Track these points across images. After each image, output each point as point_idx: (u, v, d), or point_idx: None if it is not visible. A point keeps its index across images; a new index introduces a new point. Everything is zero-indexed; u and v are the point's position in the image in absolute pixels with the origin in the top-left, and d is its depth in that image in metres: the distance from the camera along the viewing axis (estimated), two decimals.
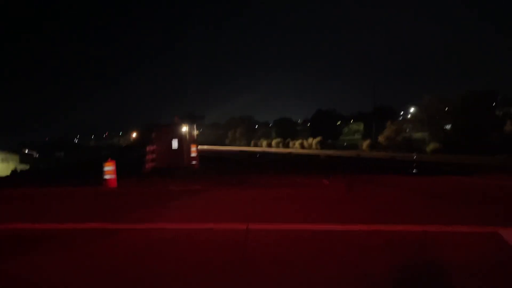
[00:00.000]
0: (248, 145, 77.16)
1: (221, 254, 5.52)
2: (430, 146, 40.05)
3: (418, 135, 50.42)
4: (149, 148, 21.30)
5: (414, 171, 20.18)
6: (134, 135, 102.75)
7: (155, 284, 4.58)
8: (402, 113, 71.39)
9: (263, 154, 44.81)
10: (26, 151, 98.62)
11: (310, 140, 61.77)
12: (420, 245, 5.81)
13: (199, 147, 23.30)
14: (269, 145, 69.85)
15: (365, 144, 50.17)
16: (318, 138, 60.21)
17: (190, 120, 23.93)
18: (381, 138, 48.20)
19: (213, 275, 4.79)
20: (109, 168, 13.50)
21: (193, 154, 22.25)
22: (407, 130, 53.25)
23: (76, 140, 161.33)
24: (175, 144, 22.28)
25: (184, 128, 22.64)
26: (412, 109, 54.38)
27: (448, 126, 44.04)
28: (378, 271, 4.76)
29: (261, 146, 71.65)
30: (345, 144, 60.00)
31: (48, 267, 5.24)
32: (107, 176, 13.43)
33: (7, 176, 27.96)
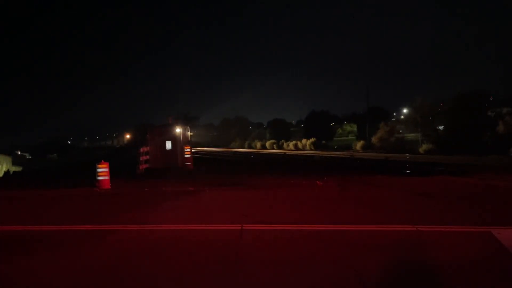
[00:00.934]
0: (242, 146, 77.05)
1: (216, 254, 5.52)
2: (423, 147, 40.26)
3: (411, 136, 50.70)
4: (142, 149, 21.23)
5: (407, 172, 20.29)
6: (127, 136, 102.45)
7: (150, 283, 4.57)
8: (395, 114, 71.79)
9: (258, 155, 44.82)
10: (19, 153, 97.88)
11: (304, 141, 61.85)
12: (413, 245, 5.85)
13: (196, 149, 23.30)
14: (263, 146, 69.86)
15: (359, 145, 50.33)
16: (312, 139, 60.32)
17: (184, 121, 23.89)
18: (374, 139, 48.37)
19: (208, 274, 4.78)
20: (102, 170, 13.44)
21: (187, 155, 22.21)
22: (400, 131, 53.52)
23: (69, 142, 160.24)
24: (168, 145, 22.22)
25: (178, 129, 22.60)
26: (405, 110, 54.67)
27: (440, 127, 44.30)
28: (372, 270, 4.79)
29: (255, 147, 71.60)
30: (335, 146, 60.10)
31: (43, 267, 5.21)
32: (100, 178, 13.37)
33: None
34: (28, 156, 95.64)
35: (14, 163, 56.09)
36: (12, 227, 7.74)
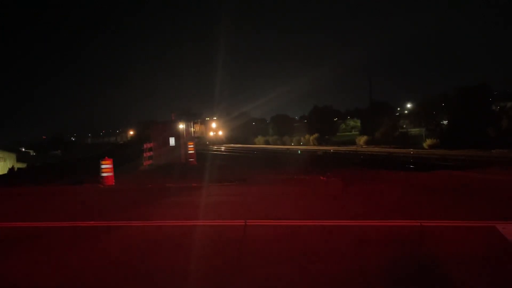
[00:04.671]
0: (247, 142, 76.78)
1: (220, 250, 5.53)
2: (427, 142, 40.14)
3: (415, 130, 50.55)
4: (146, 145, 21.29)
5: (411, 166, 20.25)
6: (131, 132, 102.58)
7: (154, 279, 4.58)
8: (399, 109, 71.55)
9: (261, 150, 44.85)
10: (23, 150, 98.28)
11: (307, 136, 61.80)
12: (418, 240, 5.82)
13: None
14: (267, 142, 69.90)
15: (362, 140, 50.21)
16: (315, 135, 60.26)
17: (187, 117, 23.98)
18: (378, 134, 48.23)
19: (212, 270, 4.79)
20: (106, 166, 13.49)
21: (191, 151, 22.25)
22: (404, 126, 53.37)
23: (73, 138, 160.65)
24: (172, 141, 22.29)
25: (181, 125, 22.65)
26: (409, 105, 54.49)
27: (444, 122, 44.14)
28: (376, 265, 4.77)
29: (258, 143, 71.62)
30: (339, 141, 59.97)
31: (46, 264, 5.23)
32: (104, 174, 13.41)
33: (4, 175, 27.94)
34: (32, 153, 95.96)
35: (18, 159, 56.25)
36: (15, 223, 7.77)
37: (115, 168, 13.88)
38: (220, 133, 74.72)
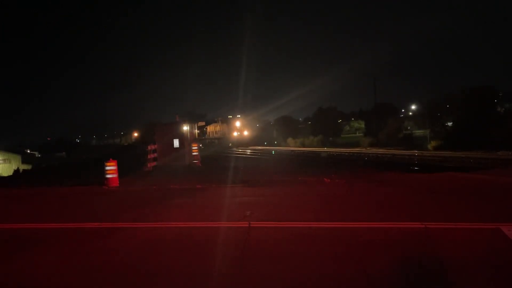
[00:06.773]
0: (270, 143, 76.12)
1: (224, 251, 5.53)
2: (432, 143, 40.00)
3: (419, 132, 50.41)
4: (150, 147, 21.35)
5: (415, 168, 20.17)
6: (135, 134, 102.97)
7: (157, 280, 4.59)
8: (403, 110, 71.39)
9: (265, 151, 44.84)
10: (29, 151, 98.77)
11: (311, 138, 61.77)
12: (422, 242, 5.80)
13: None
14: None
15: (367, 141, 50.12)
16: (319, 136, 60.26)
17: (191, 118, 24.10)
18: (382, 136, 48.12)
19: (216, 271, 4.79)
20: (110, 167, 13.53)
21: (195, 153, 22.28)
22: (409, 128, 53.22)
23: (78, 140, 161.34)
24: (176, 143, 22.34)
25: (185, 127, 22.69)
26: (413, 107, 54.35)
27: (449, 123, 43.98)
28: (379, 267, 4.76)
29: (263, 144, 71.66)
30: (343, 143, 59.75)
31: (50, 265, 5.26)
32: (108, 175, 13.46)
33: (10, 176, 28.12)
34: (37, 155, 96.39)
35: (23, 161, 56.61)
36: (20, 225, 7.81)
37: (120, 169, 13.91)
38: (246, 133, 69.22)
